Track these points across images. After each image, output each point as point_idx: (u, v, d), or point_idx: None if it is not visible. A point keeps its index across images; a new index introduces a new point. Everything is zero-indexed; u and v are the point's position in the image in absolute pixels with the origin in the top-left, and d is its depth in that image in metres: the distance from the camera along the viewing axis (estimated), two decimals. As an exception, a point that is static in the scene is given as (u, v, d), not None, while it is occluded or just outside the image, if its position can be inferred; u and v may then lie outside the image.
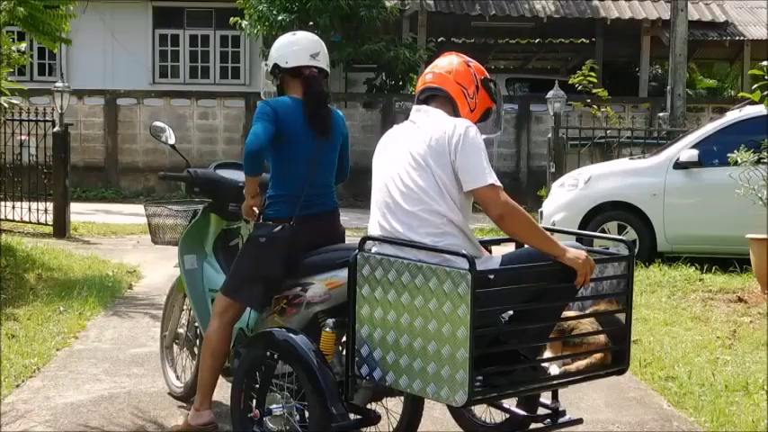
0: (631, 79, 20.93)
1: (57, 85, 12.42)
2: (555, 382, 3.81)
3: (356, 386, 3.82)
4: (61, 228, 11.97)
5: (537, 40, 23.41)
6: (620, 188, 10.11)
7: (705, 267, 9.30)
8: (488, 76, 3.93)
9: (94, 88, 18.27)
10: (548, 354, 3.86)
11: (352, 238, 4.21)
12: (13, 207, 12.34)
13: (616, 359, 3.88)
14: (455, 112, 3.82)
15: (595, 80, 15.13)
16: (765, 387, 5.40)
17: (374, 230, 3.79)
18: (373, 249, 3.72)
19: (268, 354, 3.93)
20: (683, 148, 9.94)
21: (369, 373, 3.67)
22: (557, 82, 13.73)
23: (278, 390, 3.91)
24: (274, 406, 3.89)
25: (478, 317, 3.33)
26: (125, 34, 20.38)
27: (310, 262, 4.15)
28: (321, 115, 4.29)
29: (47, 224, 12.14)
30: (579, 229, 9.92)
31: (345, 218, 4.83)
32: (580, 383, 4.03)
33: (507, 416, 4.24)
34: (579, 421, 4.16)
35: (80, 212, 13.38)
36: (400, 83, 18.99)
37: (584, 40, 22.59)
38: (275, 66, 4.39)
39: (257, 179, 4.27)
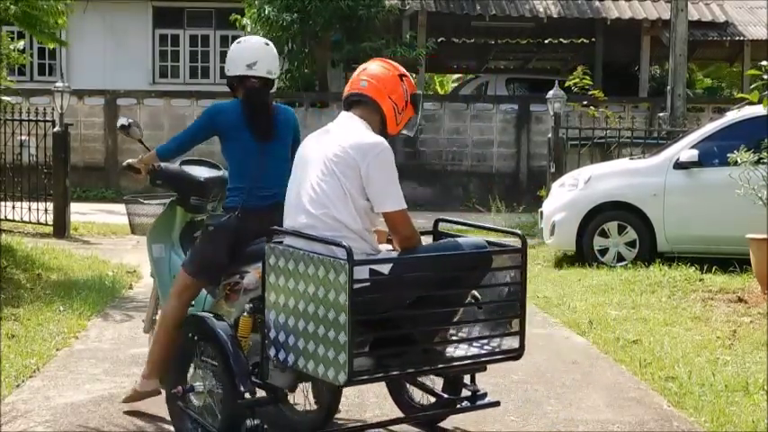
0: (631, 79, 20.92)
1: (57, 85, 12.42)
2: (447, 364, 4.05)
3: (273, 367, 4.02)
4: (61, 228, 11.97)
5: (537, 41, 23.40)
6: (620, 188, 10.11)
7: (705, 267, 9.29)
8: (417, 92, 4.15)
9: (94, 88, 18.25)
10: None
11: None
12: (13, 207, 12.34)
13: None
14: (381, 124, 4.04)
15: (591, 82, 15.09)
16: (765, 387, 5.39)
17: (286, 224, 4.07)
18: (284, 241, 3.99)
19: (190, 335, 4.33)
20: (683, 149, 9.94)
21: (275, 355, 3.93)
22: (557, 82, 13.71)
23: (201, 368, 4.27)
24: (197, 383, 4.29)
25: (361, 304, 3.61)
26: (125, 34, 20.38)
27: (249, 251, 4.46)
28: (259, 121, 4.62)
29: (47, 224, 12.14)
30: (580, 229, 9.97)
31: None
32: (483, 368, 4.26)
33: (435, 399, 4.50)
34: (496, 404, 4.42)
35: (80, 212, 13.36)
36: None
37: (584, 41, 22.59)
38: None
39: (157, 157, 4.81)
